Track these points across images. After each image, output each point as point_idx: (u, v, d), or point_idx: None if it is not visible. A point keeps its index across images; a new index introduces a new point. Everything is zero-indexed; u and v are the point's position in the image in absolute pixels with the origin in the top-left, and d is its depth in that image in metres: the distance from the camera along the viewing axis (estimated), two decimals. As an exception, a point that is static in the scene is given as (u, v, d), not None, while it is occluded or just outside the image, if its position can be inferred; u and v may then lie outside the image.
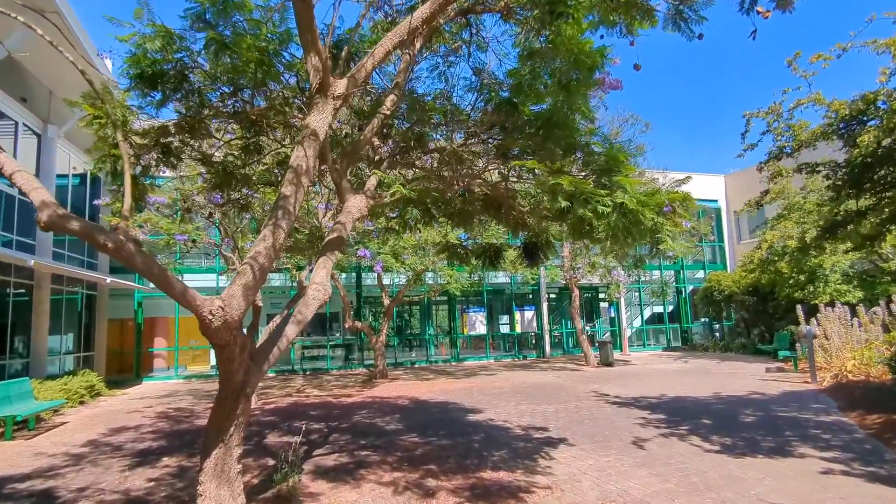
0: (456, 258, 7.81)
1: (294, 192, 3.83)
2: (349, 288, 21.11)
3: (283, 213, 3.75)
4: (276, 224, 3.70)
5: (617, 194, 4.18)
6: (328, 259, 4.79)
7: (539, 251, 6.76)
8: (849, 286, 16.22)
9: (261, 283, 3.66)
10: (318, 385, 15.79)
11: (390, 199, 5.49)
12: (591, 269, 16.78)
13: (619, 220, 4.20)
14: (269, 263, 3.66)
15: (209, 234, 11.66)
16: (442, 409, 10.34)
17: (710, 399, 10.40)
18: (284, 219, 3.74)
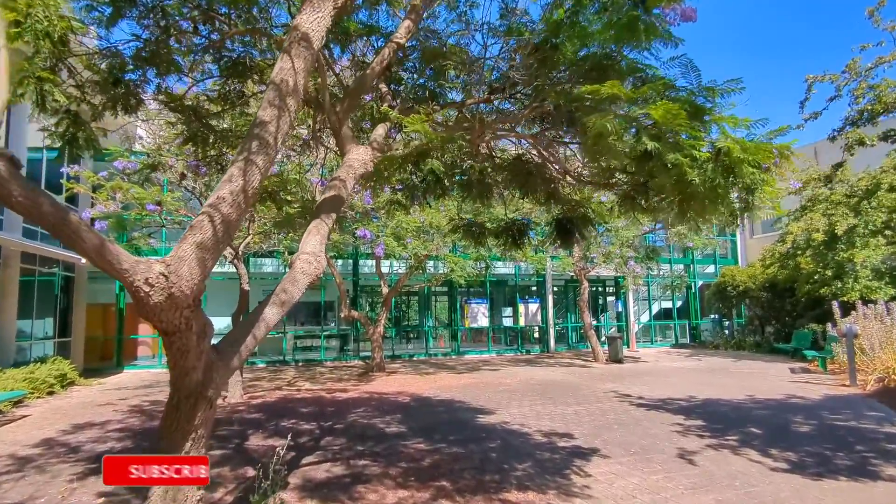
0: (471, 238, 6.70)
1: (276, 119, 2.71)
2: (345, 275, 20.00)
3: (260, 145, 2.63)
4: (248, 160, 2.59)
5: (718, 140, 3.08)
6: (322, 223, 3.69)
7: (576, 228, 5.66)
8: (880, 283, 15.20)
9: (225, 241, 2.55)
10: (310, 378, 14.71)
11: (403, 150, 4.37)
12: (605, 259, 15.68)
13: (715, 174, 3.10)
14: (237, 215, 2.55)
15: (189, 206, 10.48)
16: (448, 409, 9.27)
17: (746, 403, 9.36)
18: (261, 153, 2.63)
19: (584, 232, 5.67)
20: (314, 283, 3.47)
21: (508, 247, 6.29)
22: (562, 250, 17.51)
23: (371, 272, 20.37)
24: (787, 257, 18.60)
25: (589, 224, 5.60)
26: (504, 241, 6.28)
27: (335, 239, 10.59)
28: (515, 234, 6.19)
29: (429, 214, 12.60)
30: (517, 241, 6.18)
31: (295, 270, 3.41)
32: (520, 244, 6.19)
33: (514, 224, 6.21)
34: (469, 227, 6.70)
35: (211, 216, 2.43)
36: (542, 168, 5.51)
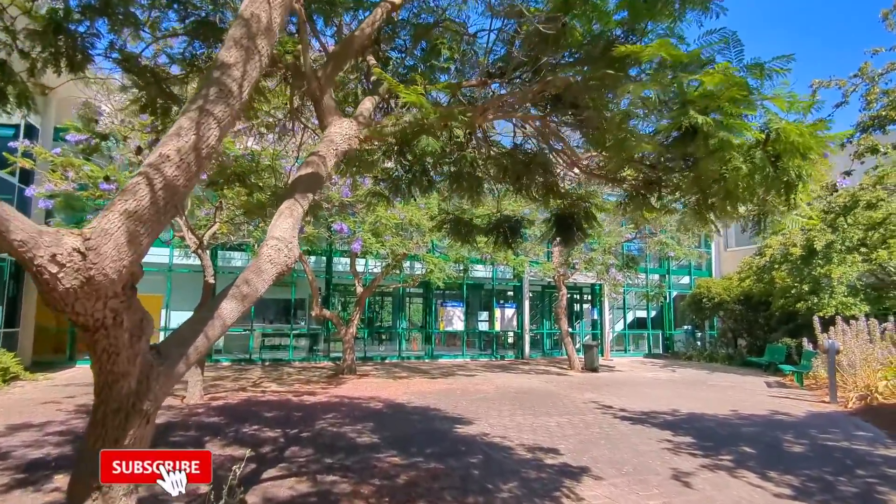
0: (457, 236, 6.18)
1: (242, 62, 2.14)
2: (318, 273, 19.26)
3: (220, 93, 2.06)
4: (204, 111, 2.01)
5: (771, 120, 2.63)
6: (296, 205, 3.12)
7: (576, 225, 5.20)
8: (855, 299, 15.27)
9: (168, 213, 1.96)
10: (277, 378, 13.96)
11: (393, 127, 3.83)
12: (587, 265, 15.36)
13: (764, 162, 2.65)
14: (185, 179, 1.96)
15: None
16: (423, 417, 8.72)
17: (731, 418, 9.06)
18: (221, 103, 2.05)
19: (585, 228, 5.21)
20: (284, 274, 2.90)
21: (499, 246, 5.79)
22: (542, 254, 17.17)
23: (345, 270, 19.67)
24: (763, 271, 18.64)
25: (591, 220, 5.14)
26: (494, 240, 5.79)
27: (309, 232, 9.94)
28: (507, 232, 5.70)
29: (409, 212, 12.05)
30: (508, 239, 5.69)
31: (261, 259, 2.84)
32: (511, 243, 5.70)
33: (506, 221, 5.72)
34: (456, 224, 6.18)
35: (150, 179, 1.85)
36: (542, 160, 5.03)
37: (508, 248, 5.77)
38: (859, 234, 15.66)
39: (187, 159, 1.93)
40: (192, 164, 1.95)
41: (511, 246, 5.72)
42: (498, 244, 5.73)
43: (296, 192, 3.15)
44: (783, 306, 18.47)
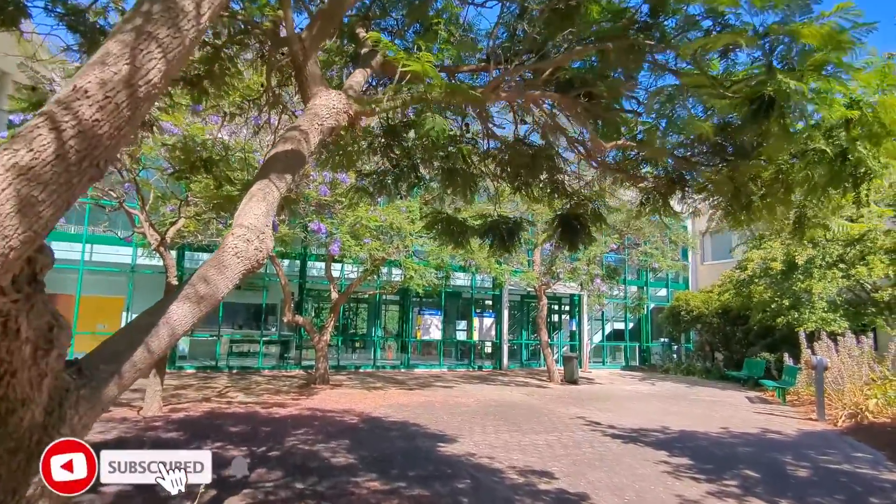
0: (449, 237, 5.63)
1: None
2: (291, 277, 18.46)
3: (167, 10, 1.48)
4: (142, 32, 1.42)
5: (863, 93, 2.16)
6: (270, 187, 2.55)
7: (583, 227, 4.71)
8: (835, 315, 15.24)
9: (85, 173, 1.36)
10: (245, 388, 13.14)
11: (390, 102, 3.27)
12: (571, 275, 14.98)
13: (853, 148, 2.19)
14: (112, 126, 1.36)
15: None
16: (403, 434, 8.10)
17: (724, 437, 8.70)
18: (167, 24, 1.46)
19: (592, 232, 4.72)
20: (253, 271, 2.32)
21: (495, 249, 5.27)
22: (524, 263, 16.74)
23: (319, 275, 18.93)
24: (742, 284, 18.57)
25: (600, 222, 4.66)
26: (490, 243, 5.26)
27: (283, 232, 9.23)
28: (504, 233, 5.18)
29: (390, 214, 11.46)
30: (506, 242, 5.17)
31: (225, 251, 2.25)
32: (509, 246, 5.19)
33: (504, 222, 5.20)
34: (448, 224, 5.63)
35: (56, 122, 1.26)
36: (548, 153, 4.54)
37: (506, 251, 5.25)
38: (838, 250, 15.67)
39: (115, 98, 1.34)
40: (123, 106, 1.35)
41: (509, 249, 5.20)
42: (494, 247, 5.20)
43: (271, 172, 2.58)
44: (761, 320, 18.44)
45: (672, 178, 3.82)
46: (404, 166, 5.83)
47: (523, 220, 5.14)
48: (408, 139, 5.85)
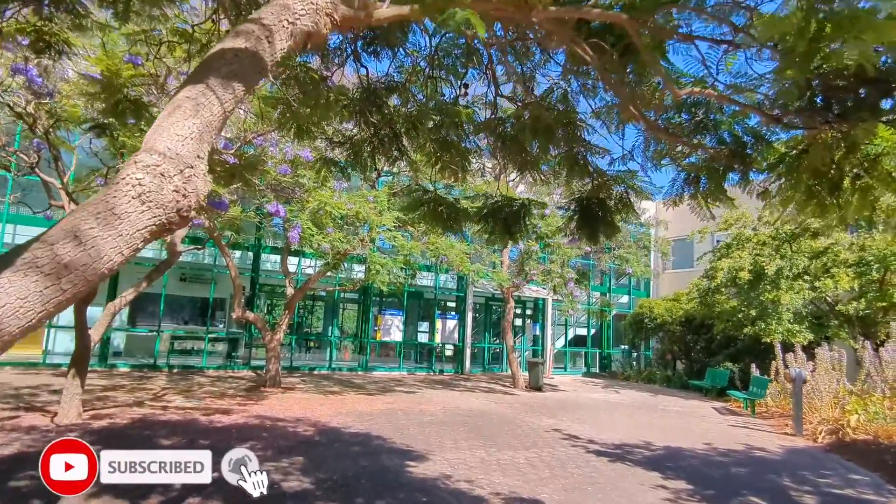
0: (438, 222, 4.73)
1: None
2: (243, 270, 17.09)
3: None
4: None
5: None
6: (207, 97, 1.57)
7: (605, 216, 3.92)
8: (801, 326, 15.19)
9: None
10: (185, 390, 11.81)
11: (392, 9, 2.34)
12: (544, 277, 14.30)
13: None
14: None
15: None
16: (365, 449, 7.13)
17: (711, 455, 8.14)
18: None
19: (617, 219, 3.93)
20: (169, 229, 1.36)
21: (497, 236, 4.41)
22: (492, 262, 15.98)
23: (275, 269, 17.63)
24: (707, 293, 18.43)
25: (628, 209, 3.87)
26: (490, 229, 4.40)
27: (234, 214, 8.01)
28: (508, 218, 4.33)
29: (356, 203, 10.44)
30: (511, 228, 4.31)
31: (117, 191, 1.28)
32: (515, 233, 4.33)
33: (507, 205, 4.35)
34: (436, 205, 4.73)
35: None
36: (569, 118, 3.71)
37: (511, 239, 4.39)
38: (804, 262, 15.66)
39: None
40: None
41: (514, 237, 4.35)
42: (497, 234, 4.33)
43: (211, 75, 1.61)
44: (724, 330, 18.36)
45: (732, 149, 3.06)
46: (385, 135, 4.92)
47: (532, 202, 4.28)
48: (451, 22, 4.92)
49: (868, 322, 15.09)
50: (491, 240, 4.51)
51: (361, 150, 5.01)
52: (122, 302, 8.08)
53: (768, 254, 16.21)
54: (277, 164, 8.16)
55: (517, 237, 4.35)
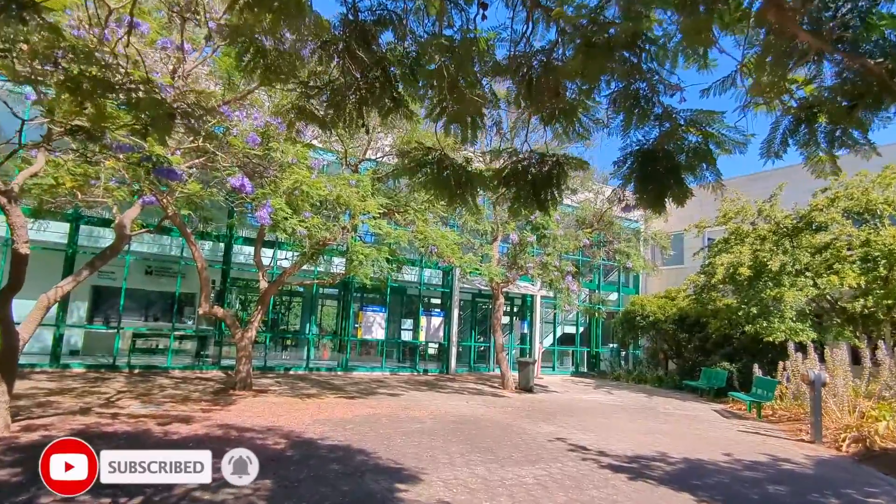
0: (444, 189, 3.69)
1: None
2: (213, 262, 15.81)
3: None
4: None
5: None
6: None
7: (673, 172, 2.92)
8: (804, 325, 14.51)
9: None
10: (144, 393, 10.58)
11: None
12: (541, 271, 13.32)
13: None
14: None
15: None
16: (347, 468, 6.05)
17: (737, 468, 7.25)
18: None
19: (690, 179, 2.94)
20: None
21: (522, 204, 3.39)
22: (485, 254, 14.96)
23: (248, 262, 16.40)
24: (703, 290, 17.69)
25: (710, 164, 2.87)
26: (513, 196, 3.37)
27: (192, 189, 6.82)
28: (537, 181, 3.31)
29: (337, 186, 9.32)
30: (540, 194, 3.29)
31: None
32: (545, 201, 3.31)
33: (538, 162, 3.32)
34: (440, 168, 3.69)
35: None
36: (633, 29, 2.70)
37: (540, 207, 3.37)
38: (807, 258, 14.99)
39: None
40: None
41: (544, 204, 3.33)
42: (524, 202, 3.31)
43: None
44: (720, 329, 17.67)
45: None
46: (375, 80, 3.88)
47: (569, 159, 3.26)
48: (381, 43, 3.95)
49: (873, 320, 14.49)
50: (514, 209, 3.49)
51: (346, 100, 3.96)
52: (57, 293, 6.87)
53: (769, 249, 15.51)
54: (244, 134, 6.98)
55: (548, 205, 3.33)
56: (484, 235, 14.22)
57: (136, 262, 16.39)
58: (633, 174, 2.97)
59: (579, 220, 15.31)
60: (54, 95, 4.50)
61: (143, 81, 3.27)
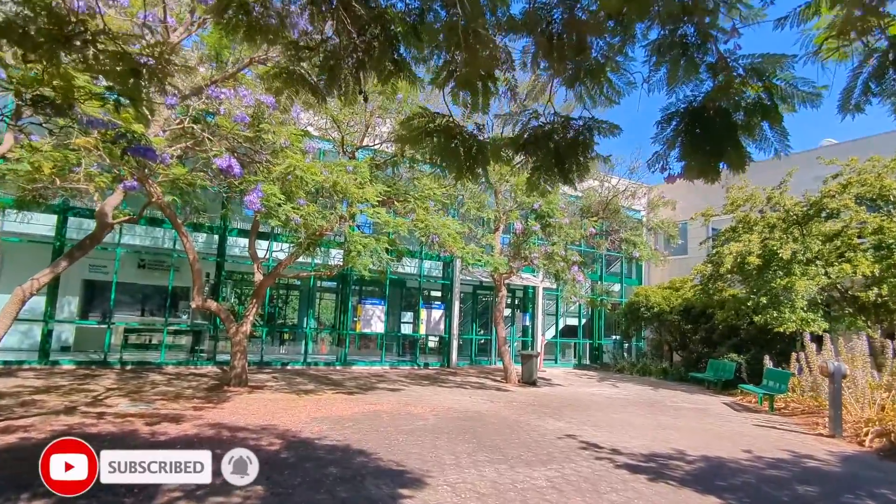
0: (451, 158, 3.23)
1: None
2: (208, 255, 15.37)
3: None
4: None
5: None
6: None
7: (729, 133, 2.47)
8: (815, 315, 14.10)
9: None
10: (135, 390, 10.16)
11: None
12: (546, 261, 12.85)
13: None
14: None
15: None
16: (345, 471, 5.63)
17: (760, 466, 6.85)
18: None
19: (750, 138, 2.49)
20: None
21: (542, 175, 2.93)
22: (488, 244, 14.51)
23: (243, 254, 15.91)
24: (710, 280, 17.24)
25: (776, 122, 2.42)
26: (536, 167, 2.91)
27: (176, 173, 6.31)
28: (561, 149, 2.85)
29: (333, 172, 8.85)
30: (564, 163, 2.84)
31: None
32: (570, 171, 2.86)
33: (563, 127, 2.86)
34: (447, 136, 3.23)
35: None
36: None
37: (565, 179, 2.92)
38: (817, 246, 14.57)
39: None
40: None
41: (568, 176, 2.88)
42: (540, 173, 2.86)
43: None
44: (726, 319, 17.28)
45: None
46: (374, 39, 3.42)
47: (598, 123, 2.81)
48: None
49: (886, 309, 14.09)
50: (532, 182, 3.03)
51: (341, 64, 3.50)
52: (33, 286, 6.40)
53: (779, 237, 15.07)
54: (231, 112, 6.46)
55: (574, 176, 2.88)
56: (487, 224, 13.77)
57: (127, 255, 15.93)
58: (678, 137, 2.52)
59: (584, 209, 14.84)
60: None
61: (101, 32, 2.80)
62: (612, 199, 14.11)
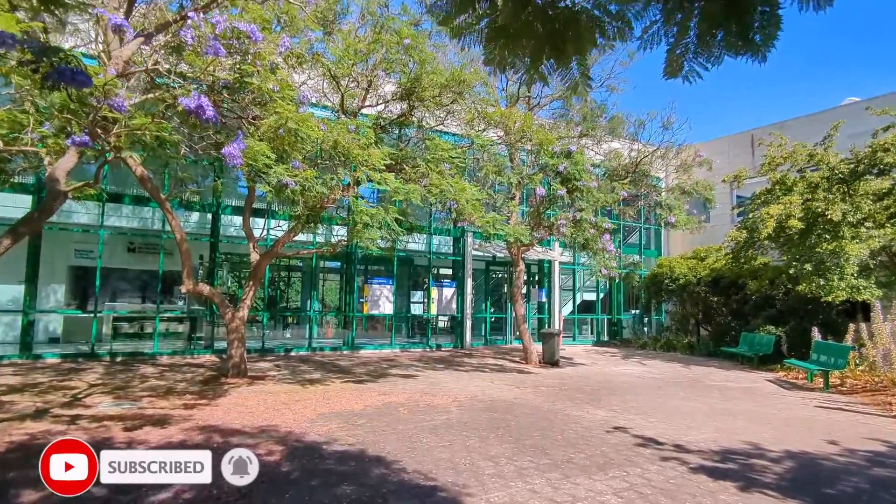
0: (525, 42, 1.97)
1: None
2: (200, 236, 14.18)
3: None
4: None
5: None
6: None
7: None
8: (868, 282, 12.85)
9: None
10: (122, 385, 9.08)
11: None
12: (575, 229, 11.52)
13: None
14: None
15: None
16: (361, 489, 4.48)
17: (861, 464, 5.70)
18: None
19: None
20: None
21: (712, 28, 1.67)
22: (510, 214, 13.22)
23: (238, 234, 14.70)
24: (744, 247, 15.90)
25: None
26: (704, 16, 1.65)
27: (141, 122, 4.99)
28: None
29: (333, 130, 7.57)
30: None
31: None
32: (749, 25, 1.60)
33: None
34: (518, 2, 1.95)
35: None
36: None
37: (741, 35, 1.66)
38: (869, 205, 13.24)
39: None
40: None
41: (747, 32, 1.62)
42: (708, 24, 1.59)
43: None
44: (760, 289, 16.07)
45: None
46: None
47: None
48: None
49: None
50: (703, 38, 1.78)
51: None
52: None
53: (823, 197, 13.71)
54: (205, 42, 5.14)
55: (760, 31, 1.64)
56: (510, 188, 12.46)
57: (118, 240, 14.77)
58: None
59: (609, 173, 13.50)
60: None
61: None
62: (641, 160, 12.75)
